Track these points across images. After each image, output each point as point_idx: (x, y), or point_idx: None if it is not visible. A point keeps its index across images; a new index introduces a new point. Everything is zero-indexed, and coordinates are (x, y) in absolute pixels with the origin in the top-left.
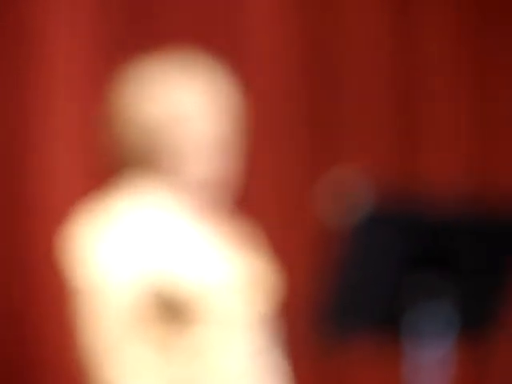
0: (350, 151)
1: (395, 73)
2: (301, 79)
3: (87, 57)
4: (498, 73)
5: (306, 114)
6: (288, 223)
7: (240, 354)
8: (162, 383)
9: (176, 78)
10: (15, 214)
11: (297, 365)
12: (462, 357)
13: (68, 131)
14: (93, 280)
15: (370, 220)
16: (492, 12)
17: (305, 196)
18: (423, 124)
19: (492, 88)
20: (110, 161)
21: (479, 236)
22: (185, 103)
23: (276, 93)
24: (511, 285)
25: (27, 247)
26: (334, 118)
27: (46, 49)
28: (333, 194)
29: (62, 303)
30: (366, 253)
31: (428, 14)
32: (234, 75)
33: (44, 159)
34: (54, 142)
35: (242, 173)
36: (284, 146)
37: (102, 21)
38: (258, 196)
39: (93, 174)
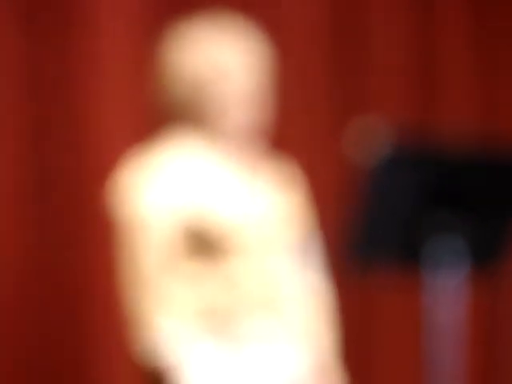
0: (374, 99)
1: (416, 30)
2: (330, 35)
3: (136, 16)
4: (505, 29)
5: (336, 67)
6: (319, 162)
7: (280, 281)
8: (198, 314)
9: (218, 35)
10: (69, 161)
11: None
12: (476, 285)
13: (119, 86)
14: (138, 216)
15: (390, 160)
16: None
17: (334, 138)
18: (440, 74)
19: (500, 44)
20: (157, 113)
21: (489, 175)
22: (227, 59)
23: (308, 48)
24: None
25: (82, 189)
26: (360, 69)
27: (95, 8)
28: (358, 138)
29: (109, 244)
30: (387, 190)
31: None
32: (269, 31)
33: (97, 111)
34: (105, 95)
35: (276, 118)
36: (316, 94)
37: None
38: (293, 139)
39: (142, 124)
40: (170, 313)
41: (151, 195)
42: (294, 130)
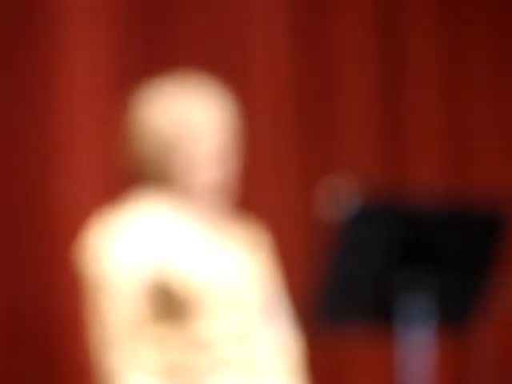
0: (342, 158)
1: (382, 88)
2: (297, 97)
3: (107, 77)
4: (472, 85)
5: (304, 127)
6: (287, 221)
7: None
8: (165, 374)
9: (186, 94)
10: (38, 216)
11: None
12: (445, 342)
13: (88, 144)
14: (104, 276)
15: (357, 217)
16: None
17: (302, 196)
18: (406, 134)
19: (468, 100)
20: (126, 170)
21: (457, 231)
22: (193, 117)
23: (275, 110)
24: (489, 278)
25: (48, 246)
26: (328, 129)
27: (67, 67)
28: (327, 197)
29: (77, 299)
30: (356, 248)
31: (413, 29)
32: (236, 92)
33: (66, 167)
34: (77, 151)
35: (244, 178)
36: (284, 154)
37: (121, 45)
38: (262, 199)
39: (111, 182)
40: (135, 371)
41: (116, 255)
42: (263, 191)
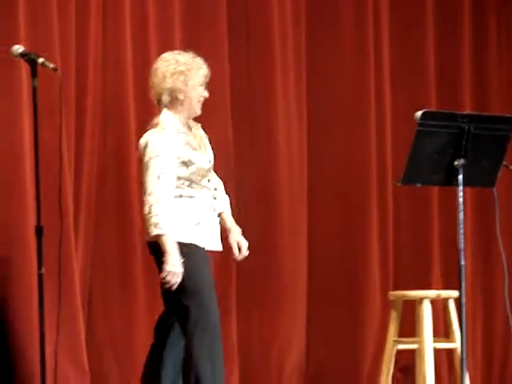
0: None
1: None
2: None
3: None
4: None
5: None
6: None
7: None
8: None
9: (192, 59)
10: None
11: None
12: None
13: None
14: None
15: (423, 117)
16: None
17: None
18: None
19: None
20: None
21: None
22: (192, 71)
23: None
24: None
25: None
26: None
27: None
28: (417, 116)
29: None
30: (426, 137)
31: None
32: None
33: None
34: None
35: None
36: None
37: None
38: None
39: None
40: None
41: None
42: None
